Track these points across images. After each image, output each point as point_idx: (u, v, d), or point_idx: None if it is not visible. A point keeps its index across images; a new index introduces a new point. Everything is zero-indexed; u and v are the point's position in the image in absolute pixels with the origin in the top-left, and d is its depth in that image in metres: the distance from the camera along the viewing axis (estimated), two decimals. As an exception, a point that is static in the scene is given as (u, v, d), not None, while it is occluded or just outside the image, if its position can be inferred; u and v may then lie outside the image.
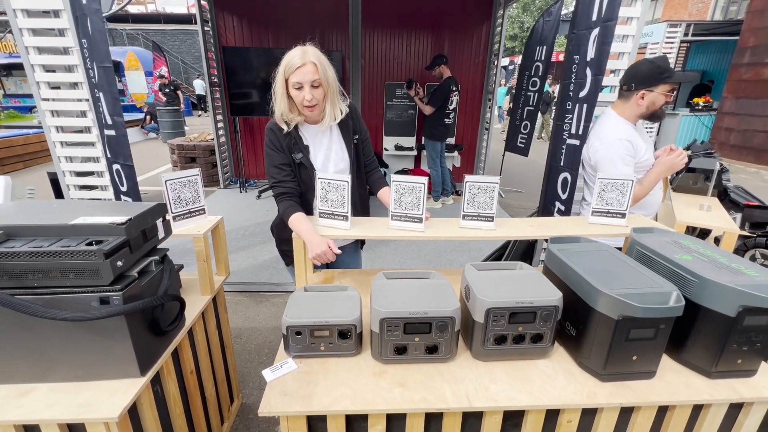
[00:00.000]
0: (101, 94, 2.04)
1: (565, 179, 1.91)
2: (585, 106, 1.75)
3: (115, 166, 2.19)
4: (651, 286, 1.01)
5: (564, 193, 1.92)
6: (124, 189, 2.18)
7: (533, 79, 4.25)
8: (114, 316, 0.90)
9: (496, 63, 5.17)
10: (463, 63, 5.39)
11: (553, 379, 1.04)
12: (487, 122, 5.54)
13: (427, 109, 4.34)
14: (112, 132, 2.10)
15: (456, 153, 5.40)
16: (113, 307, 0.91)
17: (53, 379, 0.99)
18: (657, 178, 1.68)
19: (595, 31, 1.71)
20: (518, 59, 18.37)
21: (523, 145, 4.62)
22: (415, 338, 1.05)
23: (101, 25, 1.90)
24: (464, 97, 5.52)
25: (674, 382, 1.03)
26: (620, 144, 1.63)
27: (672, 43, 7.67)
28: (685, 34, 8.01)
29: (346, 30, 4.08)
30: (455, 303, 1.05)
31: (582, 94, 1.79)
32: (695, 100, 8.58)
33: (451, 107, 4.35)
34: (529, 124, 4.48)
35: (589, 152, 1.73)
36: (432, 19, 5.22)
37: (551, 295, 1.05)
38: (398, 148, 5.53)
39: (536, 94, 4.28)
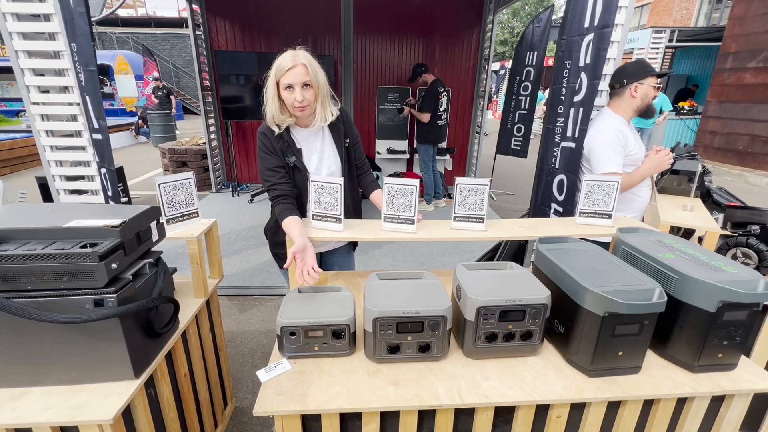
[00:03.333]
0: (88, 98, 2.03)
1: (561, 181, 1.96)
2: (581, 110, 1.81)
3: (103, 170, 2.19)
4: (635, 283, 1.04)
5: (561, 195, 1.97)
6: (109, 194, 2.17)
7: (524, 83, 4.32)
8: (109, 318, 0.91)
9: (486, 68, 5.24)
10: (454, 67, 5.46)
11: (543, 376, 1.06)
12: (478, 126, 5.61)
13: (425, 117, 4.34)
14: (99, 136, 2.10)
15: (448, 156, 5.46)
16: (108, 309, 0.91)
17: (47, 382, 0.99)
18: (644, 174, 1.80)
19: (588, 38, 1.76)
20: (509, 64, 18.61)
21: (519, 147, 4.70)
22: (407, 337, 1.06)
23: (86, 29, 1.88)
24: (455, 102, 5.59)
25: (658, 377, 1.06)
26: (612, 132, 1.75)
27: (657, 48, 7.86)
28: (670, 40, 8.21)
29: (338, 34, 4.12)
30: (447, 302, 1.07)
31: (577, 98, 1.84)
32: (681, 104, 8.78)
33: (441, 108, 4.38)
34: (523, 127, 4.55)
35: (584, 143, 1.84)
36: (423, 23, 5.28)
37: (540, 294, 1.08)
38: (391, 151, 5.57)
39: (528, 98, 4.36)
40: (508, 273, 1.20)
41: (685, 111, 8.45)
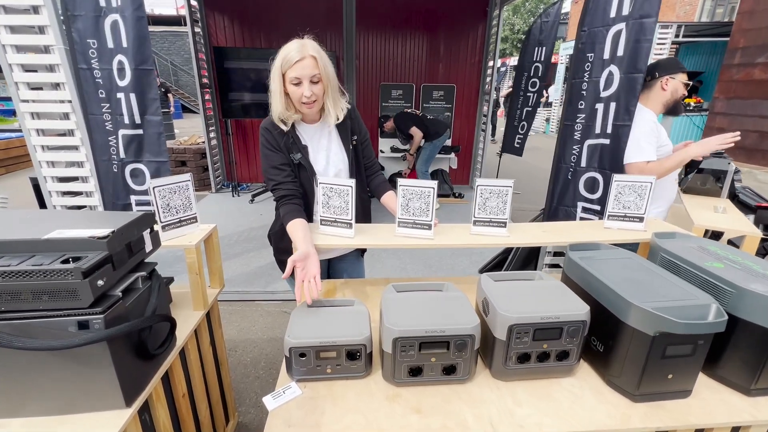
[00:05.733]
0: (132, 95, 2.09)
1: (592, 179, 1.90)
2: (613, 104, 1.72)
3: (132, 167, 2.21)
4: (687, 298, 0.93)
5: (594, 193, 1.92)
6: (142, 188, 2.25)
7: (533, 80, 4.21)
8: (94, 342, 0.80)
9: (492, 64, 5.12)
10: (459, 64, 5.34)
11: (581, 400, 0.95)
12: (483, 124, 5.49)
13: (419, 135, 4.48)
14: (139, 131, 2.17)
15: (452, 154, 5.34)
16: (93, 333, 0.80)
17: (27, 413, 0.88)
18: (678, 161, 1.72)
19: (616, 28, 1.66)
20: (510, 61, 18.42)
21: (518, 146, 4.60)
22: (431, 358, 0.95)
23: (145, 32, 2.01)
24: (460, 99, 5.47)
25: (711, 401, 0.95)
26: (644, 122, 1.73)
27: (663, 44, 7.71)
28: (676, 36, 8.07)
29: (340, 30, 3.99)
30: (474, 319, 0.96)
31: (607, 92, 1.74)
32: (686, 100, 8.65)
33: (417, 113, 4.71)
34: (526, 124, 4.45)
35: None
36: (427, 18, 5.16)
37: (578, 309, 0.97)
38: (394, 150, 5.45)
39: (535, 95, 4.25)
40: (539, 285, 1.09)
41: (690, 108, 8.32)
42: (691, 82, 1.83)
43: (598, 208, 1.92)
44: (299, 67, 1.22)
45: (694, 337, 0.89)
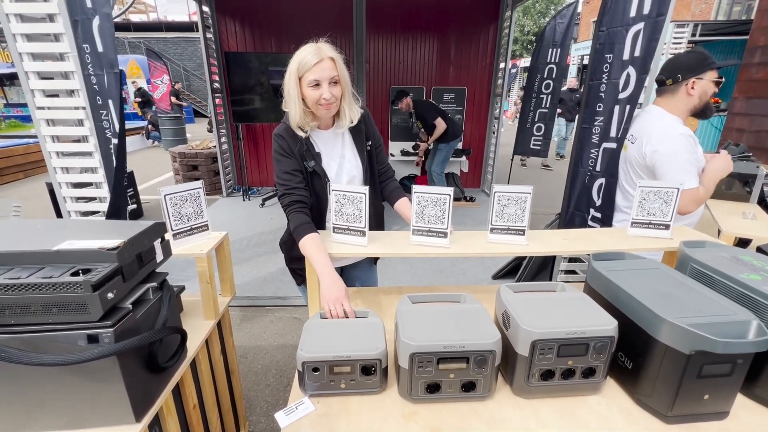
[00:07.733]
0: (110, 101, 1.99)
1: (600, 185, 1.79)
2: (627, 107, 1.64)
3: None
4: (724, 313, 0.87)
5: (599, 199, 1.80)
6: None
7: (546, 81, 4.14)
8: (104, 357, 0.78)
9: (503, 66, 5.05)
10: (470, 66, 5.29)
11: (610, 421, 0.90)
12: (494, 126, 5.42)
13: (442, 126, 4.35)
14: (116, 141, 2.06)
15: (464, 157, 5.29)
16: (103, 347, 0.78)
17: (35, 428, 0.86)
18: (716, 178, 1.52)
19: (637, 28, 1.59)
20: (520, 62, 18.26)
21: (539, 147, 4.52)
22: (449, 375, 0.91)
23: (112, 30, 1.89)
24: (471, 101, 5.42)
25: (750, 424, 0.89)
26: (684, 140, 1.46)
27: (680, 43, 7.56)
28: (693, 35, 7.90)
29: (350, 33, 3.97)
30: (495, 334, 0.92)
31: (623, 95, 1.67)
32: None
33: (440, 107, 4.60)
34: (543, 126, 4.37)
35: (644, 151, 1.55)
36: (437, 21, 5.12)
37: (605, 324, 0.91)
38: (404, 153, 5.41)
39: (549, 97, 4.18)
40: (563, 297, 1.04)
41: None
42: (722, 79, 1.56)
43: (599, 215, 1.83)
44: (318, 69, 1.19)
45: (733, 356, 0.83)
